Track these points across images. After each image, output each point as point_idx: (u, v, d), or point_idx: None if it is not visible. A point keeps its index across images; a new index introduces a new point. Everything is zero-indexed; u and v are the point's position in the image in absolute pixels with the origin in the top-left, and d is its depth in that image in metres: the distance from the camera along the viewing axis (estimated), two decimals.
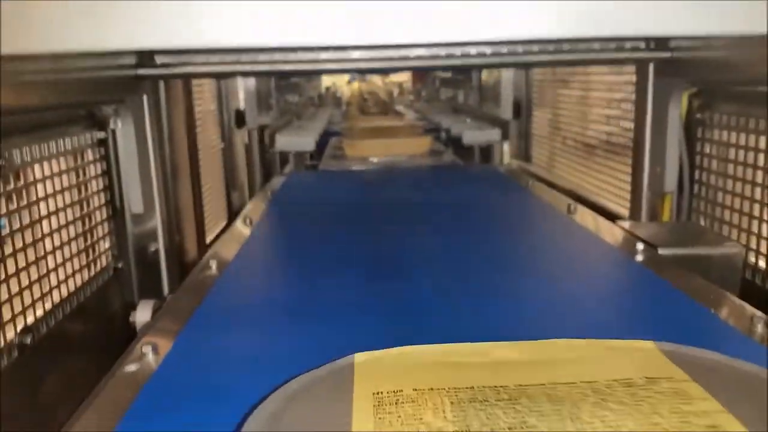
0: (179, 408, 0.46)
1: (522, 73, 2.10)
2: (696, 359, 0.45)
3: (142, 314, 0.86)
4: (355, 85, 3.85)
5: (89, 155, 1.02)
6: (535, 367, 0.44)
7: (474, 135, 1.92)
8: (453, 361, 0.46)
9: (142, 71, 1.10)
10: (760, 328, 0.57)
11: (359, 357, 0.46)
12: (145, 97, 1.12)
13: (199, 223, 1.52)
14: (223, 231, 1.56)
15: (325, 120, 2.64)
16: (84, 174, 0.99)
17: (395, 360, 0.46)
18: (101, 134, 1.05)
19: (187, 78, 1.40)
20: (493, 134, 1.91)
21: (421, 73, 3.66)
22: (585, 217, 1.03)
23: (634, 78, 1.24)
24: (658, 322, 0.61)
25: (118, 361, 0.54)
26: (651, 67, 1.15)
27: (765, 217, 0.92)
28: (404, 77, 4.00)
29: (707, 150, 1.07)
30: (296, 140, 1.91)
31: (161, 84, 1.21)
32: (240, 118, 2.06)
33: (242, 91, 2.02)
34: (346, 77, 3.90)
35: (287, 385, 0.43)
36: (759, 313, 0.60)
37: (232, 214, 1.94)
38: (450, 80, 3.15)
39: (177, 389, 0.49)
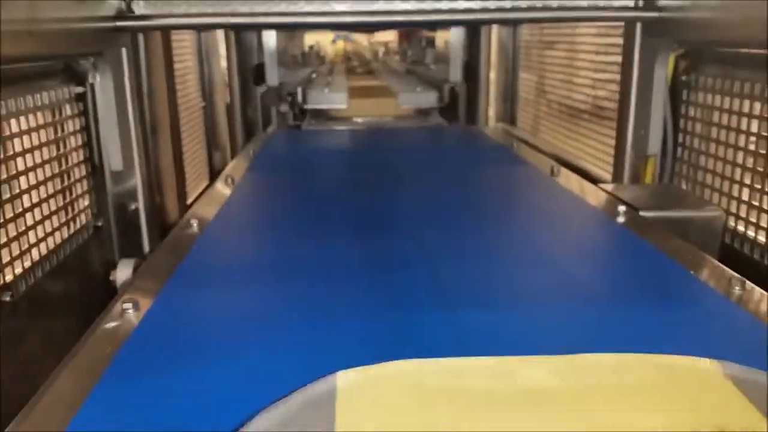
0: (159, 364, 0.46)
1: (510, 34, 2.08)
2: None
3: (123, 273, 0.85)
4: (340, 44, 3.80)
5: (67, 110, 0.99)
6: (575, 403, 0.34)
7: (409, 98, 1.95)
8: (466, 387, 0.34)
9: (120, 23, 1.07)
10: (737, 289, 0.58)
11: (342, 378, 0.36)
12: (124, 51, 1.10)
13: (180, 183, 1.51)
14: (204, 191, 1.55)
15: (344, 76, 2.62)
16: (62, 129, 0.97)
17: (388, 384, 0.35)
18: (79, 89, 1.02)
19: (166, 30, 1.37)
20: (429, 97, 1.94)
21: (407, 33, 3.61)
22: (568, 179, 1.03)
23: (620, 40, 1.23)
24: (638, 283, 0.61)
25: (98, 318, 0.54)
26: (638, 28, 1.14)
27: (746, 182, 0.93)
28: (390, 37, 3.94)
29: (692, 113, 1.07)
30: (329, 96, 1.88)
31: (140, 37, 1.19)
32: (259, 75, 2.01)
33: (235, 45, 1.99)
34: (330, 36, 3.84)
35: (254, 423, 0.34)
36: (737, 275, 0.60)
37: (214, 175, 1.92)
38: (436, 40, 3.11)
39: (157, 346, 0.49)
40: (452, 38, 2.09)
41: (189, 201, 1.61)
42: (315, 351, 0.48)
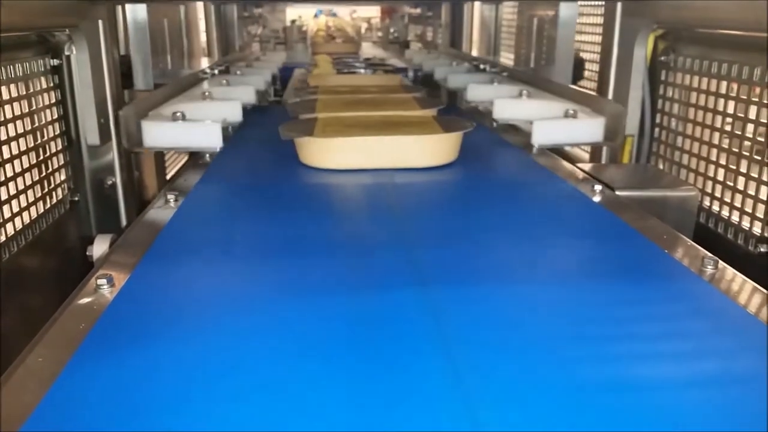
0: (133, 340, 0.46)
1: (492, 12, 2.07)
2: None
3: (99, 248, 0.84)
4: (322, 19, 3.76)
5: (42, 83, 0.98)
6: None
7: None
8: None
9: None
10: (710, 268, 0.59)
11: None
12: (100, 23, 1.08)
13: (159, 158, 1.49)
14: (182, 166, 1.53)
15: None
16: (37, 102, 0.96)
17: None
18: (55, 61, 1.01)
19: (144, 2, 1.34)
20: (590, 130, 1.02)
21: (389, 9, 3.59)
22: (547, 157, 1.04)
23: (601, 20, 1.24)
24: (611, 259, 0.62)
25: (72, 293, 0.54)
26: (619, 7, 1.14)
27: (722, 162, 0.94)
28: (373, 12, 3.92)
29: (669, 93, 1.08)
30: None
31: (119, 9, 1.16)
32: (126, 71, 1.28)
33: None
34: (312, 11, 3.80)
35: None
36: (709, 254, 0.61)
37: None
38: (419, 17, 3.10)
39: (131, 322, 0.49)
40: (563, 17, 1.32)
41: (168, 176, 1.59)
42: (291, 325, 0.48)
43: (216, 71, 1.57)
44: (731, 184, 0.91)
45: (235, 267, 0.61)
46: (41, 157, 0.96)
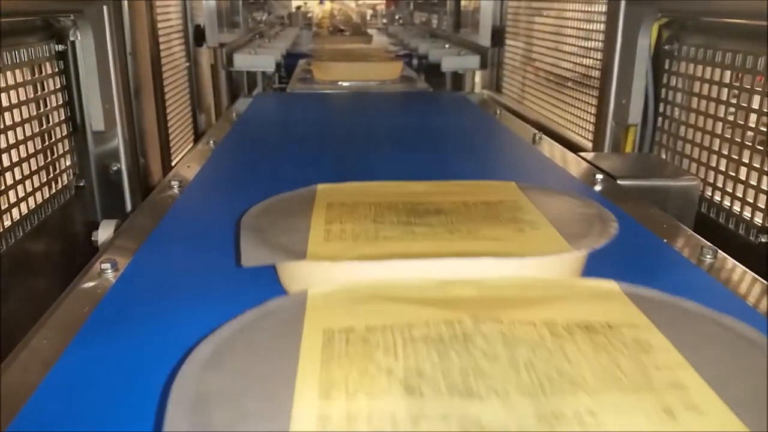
0: (135, 323, 0.46)
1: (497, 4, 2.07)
2: (659, 303, 0.41)
3: (104, 233, 0.85)
4: (327, 5, 3.75)
5: (47, 68, 0.98)
6: (494, 304, 0.39)
7: (453, 61, 1.89)
8: (409, 296, 0.40)
9: None
10: (708, 258, 0.59)
11: (312, 291, 0.40)
12: (105, 9, 1.08)
13: (164, 144, 1.50)
14: (187, 153, 1.54)
15: None
16: (43, 88, 0.97)
17: (348, 294, 0.40)
18: (60, 47, 1.01)
19: None
20: (472, 61, 1.90)
21: None
22: (549, 147, 1.04)
23: (605, 8, 1.23)
24: (608, 248, 0.62)
25: (77, 278, 0.54)
26: None
27: (724, 152, 0.94)
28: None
29: (673, 83, 1.07)
30: None
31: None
32: (200, 35, 2.01)
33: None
34: None
35: (239, 317, 0.38)
36: (708, 243, 0.61)
37: (199, 136, 1.91)
38: (424, 4, 3.09)
39: (134, 305, 0.49)
40: (482, 2, 2.01)
41: (174, 162, 1.60)
42: None
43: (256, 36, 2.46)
44: (733, 174, 0.91)
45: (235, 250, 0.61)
46: (47, 143, 0.97)
